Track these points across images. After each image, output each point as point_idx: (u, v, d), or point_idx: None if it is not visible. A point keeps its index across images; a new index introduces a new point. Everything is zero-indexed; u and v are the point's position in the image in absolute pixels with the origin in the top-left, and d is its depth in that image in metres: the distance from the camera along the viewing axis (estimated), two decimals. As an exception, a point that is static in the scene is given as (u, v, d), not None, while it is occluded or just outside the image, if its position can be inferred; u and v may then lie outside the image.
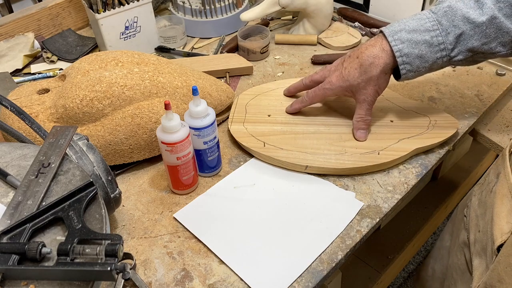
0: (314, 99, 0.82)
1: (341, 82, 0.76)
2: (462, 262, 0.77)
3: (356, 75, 0.75)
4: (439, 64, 0.72)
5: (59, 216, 0.51)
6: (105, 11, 0.98)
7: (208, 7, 1.10)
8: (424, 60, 0.71)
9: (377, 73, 0.73)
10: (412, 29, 0.71)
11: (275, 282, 0.63)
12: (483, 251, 0.68)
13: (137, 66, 0.79)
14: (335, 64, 0.79)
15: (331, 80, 0.77)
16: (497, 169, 0.71)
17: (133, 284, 0.63)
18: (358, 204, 0.72)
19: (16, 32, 1.09)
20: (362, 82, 0.75)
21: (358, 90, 0.76)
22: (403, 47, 0.71)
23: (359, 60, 0.74)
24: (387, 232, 1.29)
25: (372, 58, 0.73)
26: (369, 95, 0.76)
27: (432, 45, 0.70)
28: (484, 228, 0.69)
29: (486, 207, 0.70)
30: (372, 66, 0.73)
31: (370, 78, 0.74)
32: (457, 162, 1.48)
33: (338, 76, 0.77)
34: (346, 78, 0.76)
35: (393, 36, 0.71)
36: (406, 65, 0.72)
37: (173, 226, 0.71)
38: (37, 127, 0.65)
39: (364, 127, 0.79)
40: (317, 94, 0.80)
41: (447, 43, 0.70)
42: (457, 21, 0.69)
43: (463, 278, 0.77)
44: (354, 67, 0.75)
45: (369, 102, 0.77)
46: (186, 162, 0.71)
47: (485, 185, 0.74)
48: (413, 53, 0.71)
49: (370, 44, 0.74)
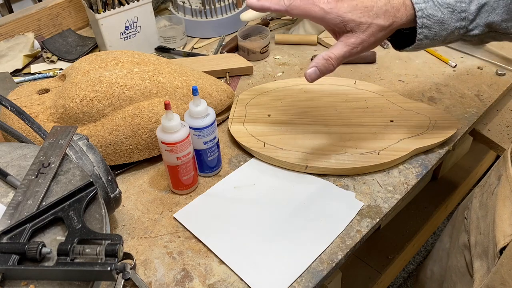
0: (294, 9, 0.64)
1: (342, 12, 0.62)
2: (462, 265, 0.77)
3: (364, 13, 0.62)
4: (454, 36, 0.64)
5: (59, 216, 0.51)
6: (105, 11, 0.98)
7: (208, 7, 1.10)
8: (444, 27, 0.62)
9: (387, 24, 0.62)
10: None
11: (275, 282, 0.63)
12: (484, 254, 0.68)
13: (137, 66, 0.79)
14: None
15: (330, 2, 0.63)
16: (499, 171, 0.71)
17: (133, 284, 0.63)
18: (358, 204, 0.72)
19: (16, 32, 1.09)
20: (366, 24, 0.62)
21: (354, 30, 0.63)
22: (426, 6, 0.61)
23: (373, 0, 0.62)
24: (387, 232, 1.29)
25: (390, 6, 0.62)
26: (361, 43, 0.63)
27: (455, 11, 0.62)
28: (486, 231, 0.69)
29: (487, 209, 0.70)
30: (386, 14, 0.62)
31: (375, 25, 0.62)
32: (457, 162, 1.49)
33: (341, 3, 0.63)
34: (350, 11, 0.62)
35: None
36: (425, 30, 0.63)
37: (173, 226, 0.71)
38: (37, 127, 0.65)
39: (322, 69, 0.64)
40: (303, 7, 0.63)
41: (468, 12, 0.62)
42: None
43: (463, 281, 0.77)
44: (365, 4, 0.62)
45: (354, 50, 0.64)
46: (186, 162, 0.71)
47: (486, 187, 0.74)
48: (435, 16, 0.62)
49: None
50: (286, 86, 0.92)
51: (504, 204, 0.64)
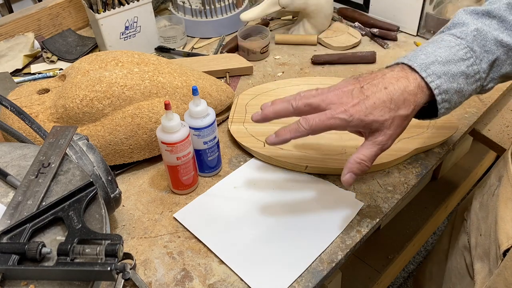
0: (317, 130, 0.61)
1: (363, 116, 0.59)
2: (461, 266, 0.77)
3: (385, 110, 0.58)
4: (470, 96, 0.63)
5: (59, 216, 0.51)
6: (105, 11, 0.98)
7: (208, 7, 1.10)
8: (461, 94, 0.60)
9: (409, 112, 0.59)
10: (445, 60, 0.59)
11: (275, 282, 0.63)
12: (486, 255, 0.68)
13: (137, 66, 0.79)
14: (346, 90, 0.61)
15: (347, 110, 0.59)
16: (499, 172, 0.71)
17: (133, 284, 0.63)
18: (358, 204, 0.72)
19: (16, 32, 1.09)
20: (389, 120, 0.59)
21: (380, 129, 0.60)
22: (441, 82, 0.58)
23: (388, 92, 0.59)
24: (387, 232, 1.29)
25: (407, 93, 0.59)
26: (390, 138, 0.61)
27: (469, 76, 0.60)
28: (487, 232, 0.68)
29: (488, 211, 0.70)
30: (405, 102, 0.59)
31: (398, 117, 0.59)
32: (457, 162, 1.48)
33: (358, 106, 0.59)
34: (370, 111, 0.58)
35: (426, 70, 0.59)
36: (445, 103, 0.60)
37: (173, 226, 0.71)
38: (37, 127, 0.65)
39: (358, 172, 0.62)
40: (324, 124, 0.60)
41: (481, 72, 0.60)
42: (489, 45, 0.60)
43: (463, 282, 0.76)
44: (381, 99, 0.58)
45: (384, 146, 0.61)
46: (186, 162, 0.71)
47: (487, 188, 0.73)
48: (452, 88, 0.59)
49: (400, 75, 0.60)
50: (286, 86, 0.92)
51: (506, 206, 0.64)
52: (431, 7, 1.05)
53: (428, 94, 0.60)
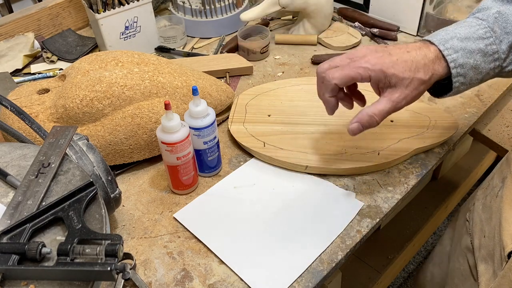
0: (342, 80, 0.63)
1: (385, 68, 0.61)
2: (464, 268, 0.77)
3: (406, 68, 0.61)
4: (489, 76, 0.65)
5: (59, 216, 0.51)
6: (105, 11, 0.98)
7: (208, 7, 1.10)
8: (478, 71, 0.63)
9: (427, 77, 0.62)
10: (464, 37, 0.62)
11: (275, 282, 0.63)
12: (490, 257, 0.67)
13: (137, 66, 0.79)
14: (372, 47, 0.64)
15: (370, 59, 0.62)
16: (502, 173, 0.70)
17: (133, 284, 0.63)
18: (358, 204, 0.72)
19: (16, 32, 1.09)
20: (408, 79, 0.62)
21: (397, 86, 0.62)
22: (458, 56, 0.62)
23: (410, 55, 0.62)
24: (387, 232, 1.29)
25: (428, 60, 0.62)
26: (405, 98, 0.63)
27: (487, 54, 0.62)
28: (491, 233, 0.68)
29: (491, 212, 0.70)
30: (425, 67, 0.62)
31: (417, 79, 0.62)
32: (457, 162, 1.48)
33: (381, 59, 0.62)
34: (393, 66, 0.61)
35: (445, 44, 0.62)
36: (460, 77, 0.63)
37: (173, 226, 0.71)
38: (37, 127, 0.65)
39: (366, 125, 0.64)
40: (345, 74, 0.63)
41: (500, 52, 0.62)
42: (510, 27, 0.62)
43: (466, 284, 0.76)
44: (404, 59, 0.62)
45: (398, 105, 0.63)
46: (186, 162, 0.71)
47: (489, 189, 0.73)
48: (468, 63, 0.62)
49: (421, 46, 0.63)
50: (286, 86, 0.92)
51: (510, 207, 0.64)
52: (431, 7, 1.05)
53: (445, 67, 0.63)
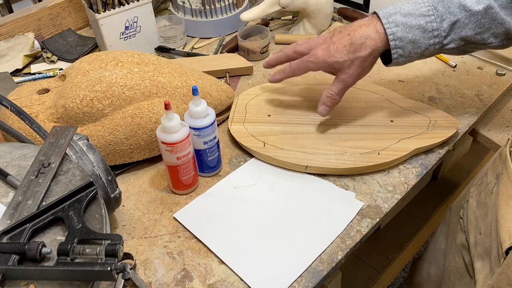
0: (296, 71, 0.79)
1: (327, 57, 0.74)
2: (460, 265, 0.77)
3: (344, 53, 0.72)
4: (430, 51, 0.71)
5: (59, 216, 0.51)
6: (105, 11, 0.98)
7: (208, 7, 1.10)
8: (417, 45, 0.70)
9: (366, 54, 0.71)
10: (407, 13, 0.69)
11: (275, 282, 0.63)
12: (486, 254, 0.67)
13: (137, 66, 0.79)
14: (322, 37, 0.76)
15: (316, 53, 0.75)
16: (496, 169, 0.70)
17: (133, 284, 0.63)
18: (358, 204, 0.72)
19: (16, 32, 1.09)
20: (348, 61, 0.72)
21: (341, 68, 0.74)
22: (397, 30, 0.69)
23: (350, 37, 0.72)
24: (387, 232, 1.29)
25: (364, 38, 0.71)
26: (350, 76, 0.74)
27: (426, 30, 0.69)
28: (487, 230, 0.68)
29: (487, 209, 0.70)
30: (362, 46, 0.71)
31: (357, 58, 0.72)
32: (457, 162, 1.48)
33: (324, 50, 0.74)
34: (333, 54, 0.73)
35: (388, 18, 0.70)
36: (399, 50, 0.70)
37: (173, 226, 0.71)
38: (37, 127, 0.65)
39: (329, 104, 0.77)
40: (299, 67, 0.77)
41: (441, 29, 0.69)
42: (453, 8, 0.68)
43: (462, 281, 0.76)
44: (343, 44, 0.72)
45: (347, 83, 0.75)
46: (186, 162, 0.71)
47: (483, 186, 0.73)
48: (407, 37, 0.69)
49: (364, 23, 0.72)
50: (286, 86, 0.92)
51: (507, 204, 0.64)
52: (431, 7, 1.05)
53: (386, 40, 0.71)
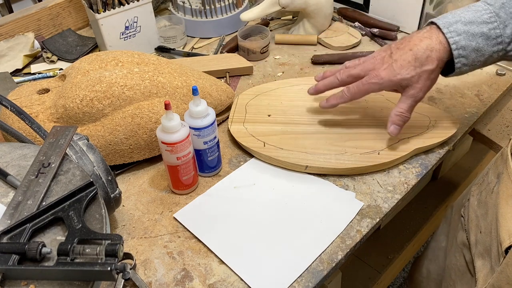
0: (357, 95, 0.75)
1: (392, 76, 0.71)
2: (461, 263, 0.77)
3: (411, 68, 0.70)
4: (494, 58, 0.69)
5: (59, 216, 0.51)
6: (105, 11, 0.98)
7: (208, 7, 1.10)
8: (481, 53, 0.68)
9: (433, 67, 0.69)
10: (468, 21, 0.67)
11: (275, 282, 0.63)
12: (487, 252, 0.68)
13: (137, 66, 0.79)
14: (379, 57, 0.73)
15: (379, 74, 0.72)
16: (497, 169, 0.70)
17: (133, 284, 0.63)
18: (358, 204, 0.72)
19: (16, 32, 1.09)
20: (416, 76, 0.70)
21: (409, 84, 0.71)
22: (460, 39, 0.67)
23: (413, 52, 0.70)
24: (387, 232, 1.29)
25: (429, 51, 0.69)
26: (420, 90, 0.72)
27: (490, 38, 0.67)
28: (487, 229, 0.68)
29: (487, 208, 0.70)
30: (428, 59, 0.69)
31: (424, 72, 0.70)
32: (457, 162, 1.48)
33: (387, 70, 0.71)
34: (398, 72, 0.71)
35: (449, 27, 0.68)
36: (462, 59, 0.68)
37: (173, 226, 0.71)
38: (37, 127, 0.65)
39: (400, 123, 0.74)
40: (361, 90, 0.74)
41: (504, 36, 0.67)
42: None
43: (463, 279, 0.76)
44: (407, 60, 0.70)
45: (417, 98, 0.72)
46: (186, 162, 0.71)
47: (484, 185, 0.73)
48: (470, 46, 0.67)
49: (424, 36, 0.70)
50: (286, 86, 0.92)
51: (507, 203, 0.64)
52: (431, 7, 1.05)
53: (449, 50, 0.68)
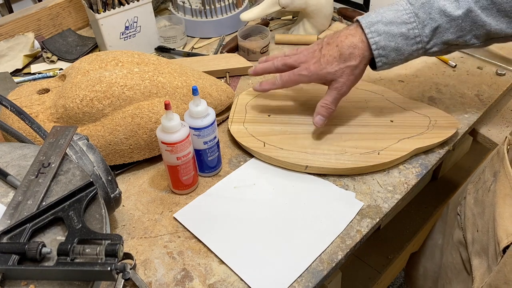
0: (287, 84, 0.80)
1: (319, 70, 0.76)
2: (457, 261, 0.77)
3: (335, 64, 0.74)
4: (414, 56, 0.73)
5: (59, 216, 0.51)
6: (105, 11, 0.98)
7: (208, 7, 1.10)
8: (400, 52, 0.72)
9: (356, 63, 0.73)
10: (389, 21, 0.70)
11: (275, 282, 0.63)
12: (484, 251, 0.68)
13: (137, 66, 0.79)
14: (311, 50, 0.78)
15: (308, 67, 0.76)
16: (494, 167, 0.70)
17: (133, 284, 0.63)
18: (358, 204, 0.72)
19: (16, 32, 1.09)
20: (340, 71, 0.74)
21: (334, 78, 0.76)
22: (380, 39, 0.71)
23: (338, 48, 0.74)
24: (387, 232, 1.29)
25: (352, 48, 0.73)
26: (343, 84, 0.76)
27: (408, 38, 0.70)
28: (484, 228, 0.68)
29: (484, 207, 0.70)
30: (351, 56, 0.73)
31: (347, 67, 0.74)
32: (457, 162, 1.48)
33: (316, 64, 0.76)
34: (324, 66, 0.75)
35: (370, 28, 0.71)
36: (382, 58, 0.72)
37: (173, 226, 0.71)
38: (37, 127, 0.65)
39: (324, 114, 0.78)
40: (291, 79, 0.79)
41: (423, 35, 0.70)
42: (434, 13, 0.69)
43: (459, 277, 0.76)
44: (333, 55, 0.74)
45: (340, 91, 0.76)
46: (186, 162, 0.71)
47: (481, 183, 0.73)
48: (389, 46, 0.71)
49: (350, 33, 0.74)
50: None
51: (504, 202, 0.64)
52: (431, 7, 1.05)
53: (370, 48, 0.72)
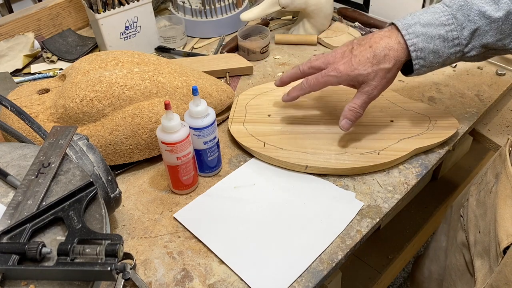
0: (315, 87, 0.76)
1: (349, 71, 0.72)
2: (461, 263, 0.77)
3: (368, 65, 0.71)
4: (451, 60, 0.71)
5: (59, 216, 0.51)
6: (105, 11, 0.98)
7: (208, 7, 1.10)
8: (438, 55, 0.70)
9: (390, 66, 0.70)
10: (426, 23, 0.68)
11: (275, 282, 0.63)
12: (486, 252, 0.68)
13: (137, 66, 0.79)
14: (340, 51, 0.74)
15: (337, 67, 0.73)
16: (495, 169, 0.70)
17: (133, 284, 0.63)
18: (358, 204, 0.72)
19: (16, 32, 1.09)
20: (372, 73, 0.71)
21: (365, 81, 0.72)
22: (418, 41, 0.69)
23: (372, 49, 0.71)
24: (387, 232, 1.29)
25: (387, 49, 0.70)
26: (374, 88, 0.73)
27: (447, 40, 0.68)
28: (486, 229, 0.68)
29: (486, 208, 0.70)
30: (386, 57, 0.70)
31: (381, 70, 0.71)
32: (457, 162, 1.48)
33: (346, 64, 0.72)
34: (356, 67, 0.71)
35: (407, 29, 0.69)
36: (420, 60, 0.70)
37: (173, 226, 0.71)
38: (37, 127, 0.65)
39: (352, 118, 0.75)
40: (319, 81, 0.75)
41: (461, 38, 0.68)
42: (473, 15, 0.67)
43: (463, 279, 0.76)
44: (366, 56, 0.71)
45: (371, 95, 0.73)
46: (186, 162, 0.71)
47: (483, 185, 0.73)
48: (428, 48, 0.69)
49: (385, 35, 0.71)
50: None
51: (505, 203, 0.64)
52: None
53: (407, 51, 0.70)
